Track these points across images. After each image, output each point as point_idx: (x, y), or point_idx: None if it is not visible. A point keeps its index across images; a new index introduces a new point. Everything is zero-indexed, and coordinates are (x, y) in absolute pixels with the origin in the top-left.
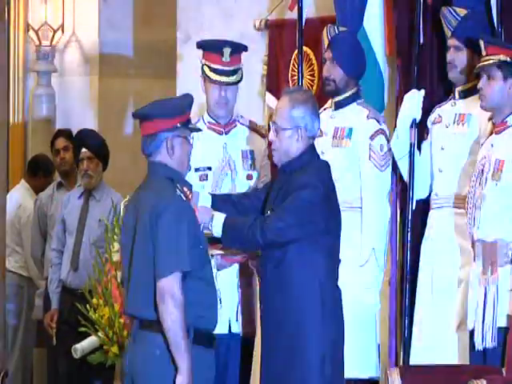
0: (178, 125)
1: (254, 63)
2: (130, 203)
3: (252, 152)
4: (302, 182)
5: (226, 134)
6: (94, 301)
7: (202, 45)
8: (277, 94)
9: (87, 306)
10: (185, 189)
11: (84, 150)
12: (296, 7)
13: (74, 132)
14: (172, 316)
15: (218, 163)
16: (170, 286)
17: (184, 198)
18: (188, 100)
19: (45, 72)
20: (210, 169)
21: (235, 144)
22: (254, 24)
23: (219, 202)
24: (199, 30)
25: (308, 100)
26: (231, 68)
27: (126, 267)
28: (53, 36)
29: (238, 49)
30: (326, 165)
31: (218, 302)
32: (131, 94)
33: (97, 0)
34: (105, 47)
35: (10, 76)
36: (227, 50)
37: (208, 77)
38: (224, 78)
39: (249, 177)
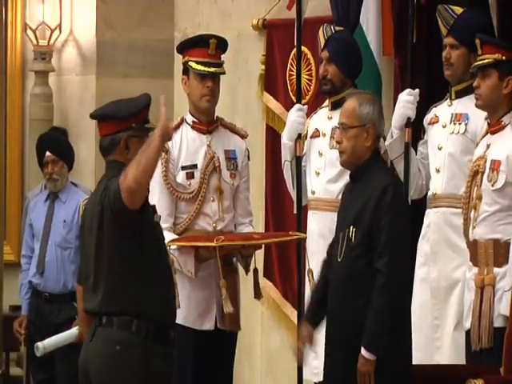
0: (133, 125)
1: (252, 63)
2: (88, 202)
3: (234, 152)
4: (382, 185)
5: (209, 133)
6: None
7: (184, 44)
8: (274, 94)
9: None
10: None
11: (48, 153)
12: (294, 7)
13: (71, 132)
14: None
15: (203, 161)
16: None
17: None
18: (144, 99)
19: (42, 71)
20: (195, 166)
21: (218, 143)
22: (251, 23)
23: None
24: (197, 30)
25: (374, 99)
26: (218, 61)
27: (86, 264)
28: (50, 35)
29: (222, 42)
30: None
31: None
32: (129, 93)
33: None
34: (102, 46)
35: (7, 75)
36: (213, 42)
37: (196, 70)
38: (212, 69)
39: (232, 175)
